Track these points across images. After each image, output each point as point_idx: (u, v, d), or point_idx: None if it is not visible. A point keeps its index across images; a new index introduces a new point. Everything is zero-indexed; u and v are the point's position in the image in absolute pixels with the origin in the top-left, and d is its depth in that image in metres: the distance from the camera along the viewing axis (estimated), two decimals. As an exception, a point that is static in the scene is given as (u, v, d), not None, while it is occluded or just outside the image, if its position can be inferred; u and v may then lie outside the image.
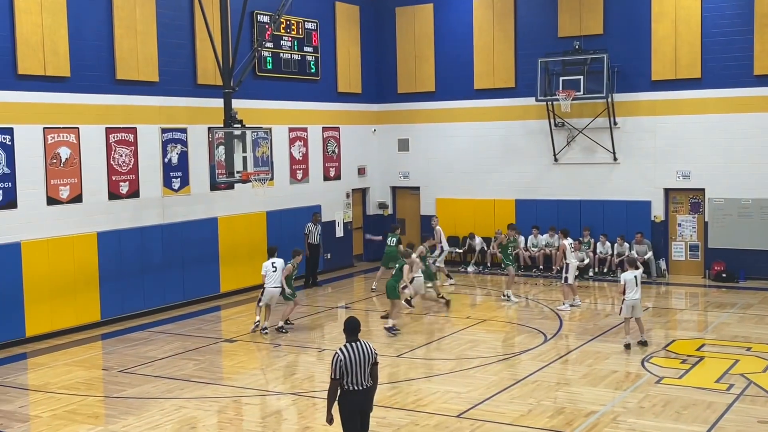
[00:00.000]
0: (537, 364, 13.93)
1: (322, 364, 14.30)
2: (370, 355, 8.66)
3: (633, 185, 22.32)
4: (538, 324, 16.95)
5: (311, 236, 21.44)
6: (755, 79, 20.78)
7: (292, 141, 22.64)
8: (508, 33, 23.64)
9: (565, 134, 23.08)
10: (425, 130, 25.17)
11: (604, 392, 12.38)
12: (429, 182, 25.24)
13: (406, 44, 25.23)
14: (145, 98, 18.44)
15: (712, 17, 21.11)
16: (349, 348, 8.62)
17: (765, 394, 12.06)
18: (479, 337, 16.04)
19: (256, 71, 21.15)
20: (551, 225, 22.92)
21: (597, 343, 15.29)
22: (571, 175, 23.11)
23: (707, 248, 21.60)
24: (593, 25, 22.46)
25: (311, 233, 21.46)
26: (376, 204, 26.03)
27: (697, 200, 21.85)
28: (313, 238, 21.45)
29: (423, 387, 12.84)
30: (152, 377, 13.64)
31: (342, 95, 24.44)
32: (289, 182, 22.53)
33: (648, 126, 22.08)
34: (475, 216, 24.05)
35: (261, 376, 13.90)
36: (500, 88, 23.85)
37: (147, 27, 18.33)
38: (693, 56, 21.37)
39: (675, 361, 14.04)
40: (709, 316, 17.84)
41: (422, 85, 25.09)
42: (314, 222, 21.60)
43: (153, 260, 18.45)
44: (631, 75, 22.08)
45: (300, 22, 22.52)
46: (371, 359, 8.67)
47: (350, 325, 8.79)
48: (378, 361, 8.82)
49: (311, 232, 21.46)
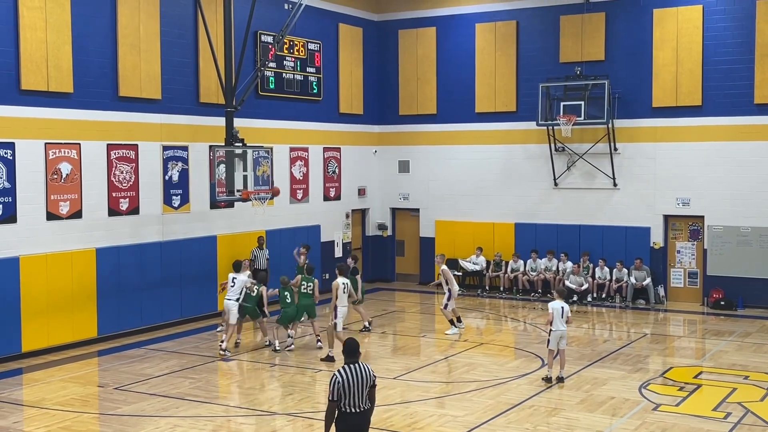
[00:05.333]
0: (534, 388, 13.88)
1: (318, 385, 14.26)
2: (368, 377, 8.62)
3: (632, 211, 22.34)
4: (535, 348, 16.90)
5: (257, 262, 20.48)
6: (756, 108, 20.85)
7: (293, 161, 22.69)
8: (510, 57, 23.75)
9: (565, 159, 23.14)
10: (426, 152, 25.24)
11: (601, 418, 12.33)
12: (429, 204, 25.28)
13: (409, 66, 25.34)
14: (147, 115, 18.49)
15: (713, 45, 21.22)
16: (348, 370, 8.57)
17: (763, 424, 12.01)
18: (476, 360, 16.00)
19: (258, 91, 21.23)
20: (550, 249, 22.93)
21: (594, 368, 15.25)
22: (570, 200, 23.15)
23: (706, 275, 21.59)
24: (595, 51, 22.58)
25: (257, 259, 20.45)
26: (376, 225, 26.04)
27: (696, 227, 21.86)
28: (259, 263, 20.47)
29: (419, 410, 12.79)
30: (148, 395, 13.59)
31: (343, 116, 24.52)
32: (289, 201, 22.55)
33: (648, 152, 22.14)
34: (475, 239, 24.04)
35: (257, 395, 13.84)
36: (501, 112, 23.94)
37: (151, 45, 18.42)
38: (694, 84, 21.46)
39: (672, 388, 13.99)
40: (707, 343, 17.80)
41: (424, 107, 25.18)
42: (259, 246, 20.68)
43: (151, 277, 18.43)
44: (632, 101, 22.17)
45: (303, 42, 22.64)
46: (369, 381, 8.63)
47: (349, 347, 8.74)
48: (376, 384, 8.79)
49: (257, 257, 20.53)
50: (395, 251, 26.10)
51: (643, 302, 21.61)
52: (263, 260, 20.69)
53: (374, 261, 25.87)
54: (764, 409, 12.67)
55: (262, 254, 20.72)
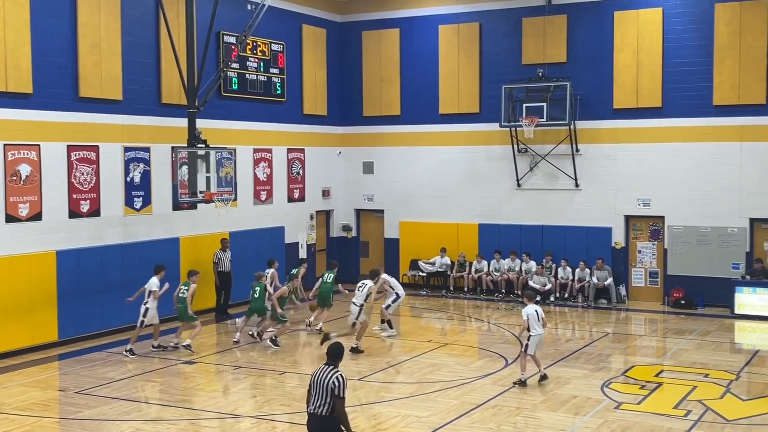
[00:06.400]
0: (497, 388, 13.95)
1: (282, 387, 14.20)
2: (327, 381, 8.68)
3: (594, 211, 22.56)
4: (499, 348, 16.99)
5: (221, 264, 20.43)
6: (714, 109, 21.18)
7: (256, 162, 22.58)
8: (473, 59, 23.87)
9: (528, 160, 23.31)
10: (390, 154, 25.27)
11: (564, 417, 12.43)
12: (393, 205, 25.31)
13: (372, 68, 25.36)
14: (108, 116, 18.30)
15: (672, 48, 21.51)
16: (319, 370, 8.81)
17: (722, 421, 12.19)
18: (440, 361, 16.04)
19: (221, 91, 21.11)
20: (513, 249, 23.07)
21: (557, 368, 15.36)
22: (533, 201, 23.32)
23: (667, 275, 21.87)
24: (557, 53, 22.77)
25: (221, 261, 20.42)
26: (340, 226, 26.02)
27: (656, 227, 22.14)
28: (223, 265, 20.49)
29: (383, 411, 12.79)
30: (109, 399, 13.44)
31: (307, 117, 24.47)
32: (253, 203, 22.44)
33: (609, 153, 22.38)
34: (439, 240, 24.10)
35: (220, 398, 13.74)
36: (465, 114, 24.05)
37: (111, 45, 18.23)
38: (654, 86, 21.73)
39: (634, 386, 14.15)
40: (668, 342, 18.03)
41: (388, 108, 25.21)
42: (223, 249, 20.58)
43: (113, 280, 18.23)
44: (594, 103, 22.38)
45: (267, 43, 22.55)
46: (328, 386, 8.67)
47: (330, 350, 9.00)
48: (339, 395, 8.68)
49: (220, 260, 20.42)
50: (360, 252, 26.09)
51: (605, 302, 21.83)
52: (227, 262, 20.56)
53: (339, 262, 25.73)
54: (723, 407, 12.86)
55: (226, 256, 20.59)
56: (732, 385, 14.18)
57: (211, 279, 20.38)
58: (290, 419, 12.38)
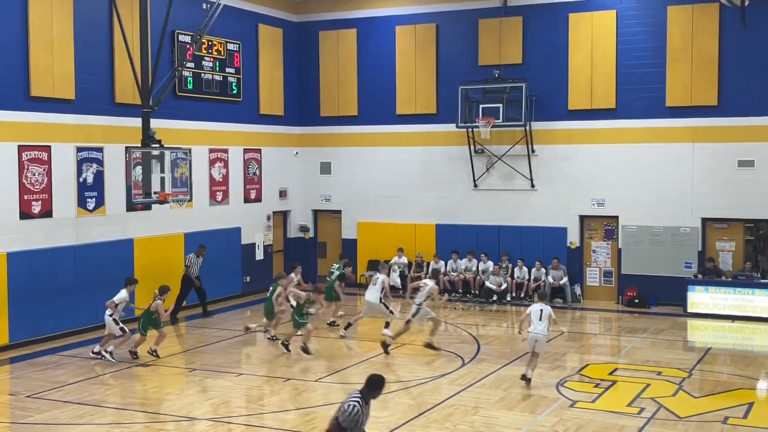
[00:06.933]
0: (455, 388, 14.00)
1: (238, 389, 14.10)
2: (343, 403, 8.44)
3: (550, 212, 22.76)
4: (456, 348, 17.06)
5: (192, 268, 20.25)
6: (667, 111, 21.50)
7: (212, 162, 22.40)
8: (430, 60, 23.94)
9: (484, 161, 23.44)
10: (347, 154, 25.24)
11: (520, 416, 12.52)
12: (351, 206, 25.28)
13: (329, 68, 25.31)
14: (61, 116, 18.02)
15: (626, 50, 21.78)
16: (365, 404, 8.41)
17: (674, 418, 12.37)
18: (398, 361, 16.06)
19: (176, 91, 20.90)
20: (470, 249, 23.18)
21: (513, 367, 15.46)
22: (490, 201, 23.45)
23: (621, 274, 22.13)
24: (513, 54, 22.93)
25: (192, 265, 20.27)
26: (298, 227, 25.91)
27: (611, 227, 22.40)
28: (193, 270, 20.29)
29: (341, 412, 12.75)
30: (62, 402, 13.22)
31: (264, 117, 24.33)
32: (209, 204, 22.26)
33: (564, 154, 22.59)
34: (396, 240, 24.13)
35: (175, 401, 13.60)
36: (422, 114, 24.11)
37: (64, 43, 17.95)
38: (608, 87, 21.99)
39: (588, 385, 14.29)
40: (622, 340, 18.25)
41: (345, 109, 25.18)
42: (198, 254, 20.44)
43: (66, 282, 17.95)
44: (549, 104, 22.58)
45: (222, 43, 22.38)
46: (340, 408, 8.41)
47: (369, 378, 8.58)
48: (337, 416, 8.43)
49: (192, 263, 20.29)
50: (317, 253, 26.02)
51: (561, 301, 22.03)
52: (197, 268, 20.45)
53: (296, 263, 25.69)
54: (676, 404, 13.05)
55: (199, 262, 20.47)
56: (684, 382, 14.39)
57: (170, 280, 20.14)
58: (247, 421, 12.30)
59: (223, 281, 22.35)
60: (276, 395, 13.78)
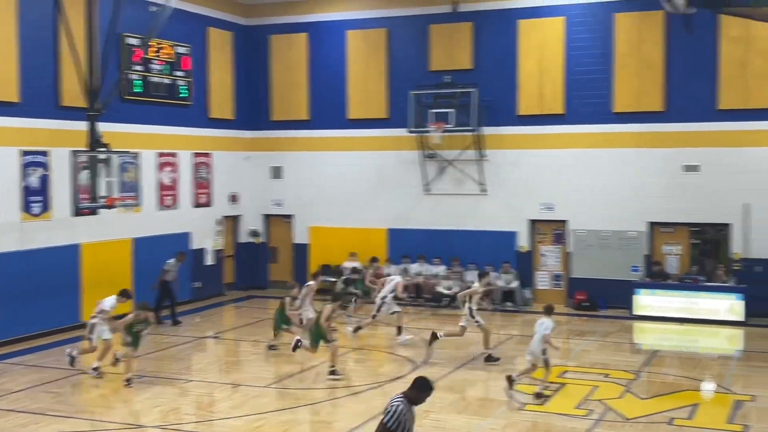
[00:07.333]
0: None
1: (187, 396, 13.95)
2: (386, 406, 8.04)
3: (500, 216, 22.91)
4: (406, 352, 17.06)
5: (170, 274, 20.21)
6: (614, 117, 21.80)
7: (161, 166, 22.13)
8: (381, 65, 23.98)
9: (436, 165, 23.53)
10: (299, 158, 25.14)
11: (470, 419, 12.57)
12: (302, 210, 25.18)
13: (281, 72, 25.20)
14: (4, 119, 17.66)
15: (575, 56, 22.04)
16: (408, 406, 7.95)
17: (622, 420, 12.52)
18: (348, 366, 16.01)
19: (124, 94, 20.61)
20: (421, 254, 23.23)
21: (464, 370, 15.53)
22: (441, 206, 23.54)
23: (570, 278, 22.37)
24: (463, 59, 23.06)
25: (170, 272, 20.23)
26: (248, 232, 25.72)
27: (560, 231, 22.63)
28: (171, 276, 20.24)
29: (291, 417, 12.69)
30: (5, 411, 12.94)
31: (214, 121, 24.14)
32: (158, 208, 21.99)
33: (514, 159, 22.78)
34: (349, 245, 24.06)
35: (122, 408, 13.39)
36: (374, 119, 24.12)
37: (7, 46, 17.60)
38: (557, 93, 22.24)
39: (538, 387, 14.38)
40: (571, 343, 18.42)
41: (296, 113, 25.09)
42: (179, 260, 20.41)
43: (10, 288, 17.57)
44: (499, 109, 22.75)
45: (171, 46, 22.15)
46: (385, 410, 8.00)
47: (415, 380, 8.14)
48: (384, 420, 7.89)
49: (172, 269, 20.27)
50: (268, 258, 25.86)
51: (511, 304, 22.20)
52: (175, 274, 20.35)
53: (247, 268, 25.57)
54: (623, 406, 13.22)
55: (177, 267, 20.36)
56: (631, 384, 14.58)
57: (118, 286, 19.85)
58: (196, 428, 12.16)
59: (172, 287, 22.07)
60: (226, 402, 13.65)
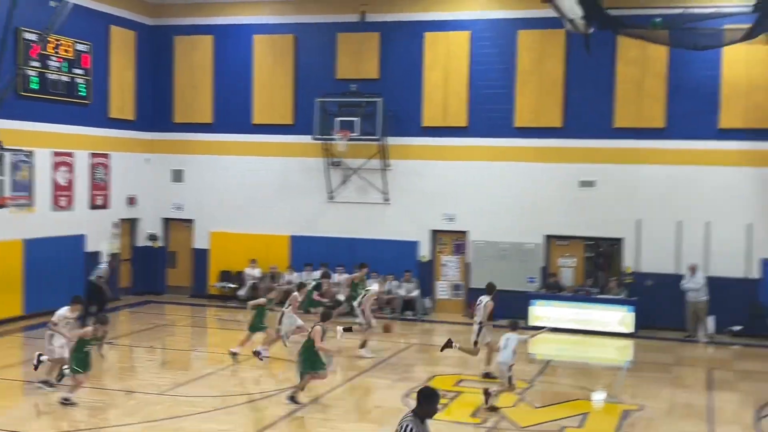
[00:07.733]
0: (302, 400, 13.91)
1: (79, 402, 13.54)
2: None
3: (403, 225, 23.09)
4: (306, 360, 16.97)
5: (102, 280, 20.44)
6: (515, 131, 22.28)
7: (56, 166, 21.44)
8: (288, 71, 23.88)
9: (340, 173, 23.56)
10: (201, 162, 24.77)
11: (367, 427, 12.60)
12: (203, 215, 24.80)
13: (184, 73, 24.80)
14: None
15: (479, 70, 22.44)
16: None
17: (515, 428, 12.76)
18: (247, 373, 15.85)
19: (19, 90, 19.90)
20: (324, 262, 23.19)
21: (363, 378, 15.57)
22: (345, 214, 23.57)
23: (469, 288, 22.70)
24: (370, 69, 23.19)
25: (103, 278, 20.47)
26: (146, 235, 25.16)
27: (460, 242, 22.96)
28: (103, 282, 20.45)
29: (186, 425, 12.45)
30: None
31: (113, 121, 23.55)
32: (52, 209, 21.29)
33: (418, 169, 23.01)
34: (250, 251, 23.84)
35: (9, 414, 12.89)
36: (279, 125, 23.98)
37: None
38: (460, 106, 22.59)
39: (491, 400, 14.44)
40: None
41: (199, 115, 24.73)
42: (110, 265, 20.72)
43: None
44: (404, 120, 22.96)
45: (71, 43, 21.52)
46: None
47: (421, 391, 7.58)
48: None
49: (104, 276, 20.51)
50: (166, 262, 25.35)
51: (411, 313, 22.37)
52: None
53: (144, 272, 24.99)
54: (517, 414, 13.46)
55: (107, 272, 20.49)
56: (525, 393, 14.87)
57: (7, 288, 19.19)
58: (85, 436, 11.82)
59: (64, 290, 21.35)
60: (118, 408, 13.31)
